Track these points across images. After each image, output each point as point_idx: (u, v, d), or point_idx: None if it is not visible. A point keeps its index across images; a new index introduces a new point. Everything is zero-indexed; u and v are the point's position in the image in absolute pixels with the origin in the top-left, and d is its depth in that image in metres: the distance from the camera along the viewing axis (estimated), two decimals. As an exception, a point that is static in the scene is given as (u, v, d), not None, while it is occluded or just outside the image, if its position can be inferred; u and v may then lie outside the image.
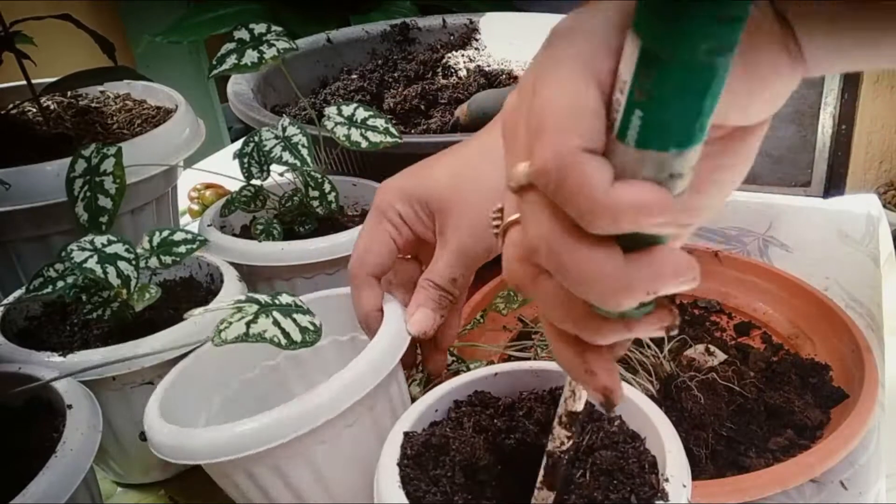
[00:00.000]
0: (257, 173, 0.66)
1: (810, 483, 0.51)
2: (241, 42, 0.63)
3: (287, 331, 0.45)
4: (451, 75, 1.01)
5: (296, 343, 0.45)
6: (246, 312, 0.45)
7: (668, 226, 0.25)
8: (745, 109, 0.30)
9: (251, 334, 0.44)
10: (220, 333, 0.43)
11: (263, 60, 0.62)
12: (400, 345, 0.48)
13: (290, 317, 0.46)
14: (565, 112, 0.25)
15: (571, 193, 0.24)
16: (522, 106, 0.28)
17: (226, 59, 0.62)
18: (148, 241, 0.56)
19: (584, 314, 0.27)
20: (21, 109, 0.81)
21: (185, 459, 0.44)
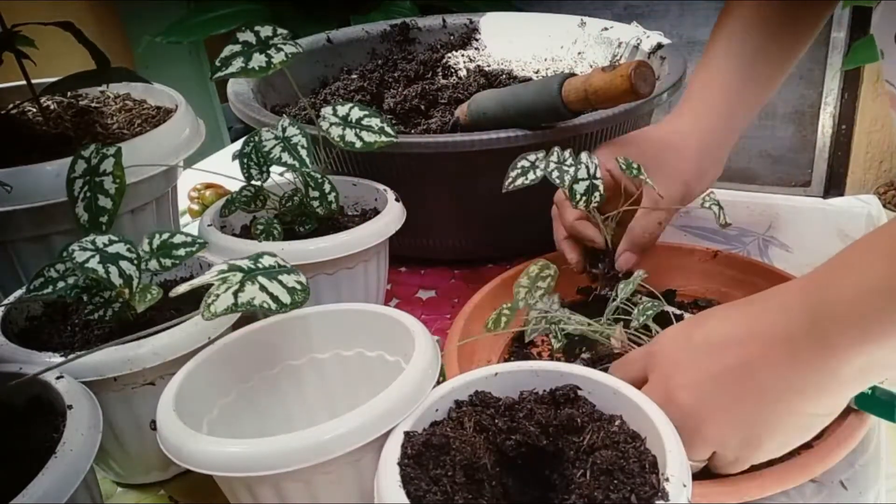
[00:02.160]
0: (257, 175, 0.66)
1: (810, 483, 0.51)
2: (247, 45, 0.62)
3: (275, 294, 0.44)
4: (451, 75, 1.01)
5: (286, 306, 0.44)
6: (231, 282, 0.44)
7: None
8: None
9: (240, 304, 0.43)
10: (209, 307, 0.42)
11: (272, 66, 0.61)
12: (419, 393, 0.47)
13: (276, 279, 0.45)
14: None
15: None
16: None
17: (231, 62, 0.61)
18: (148, 243, 0.56)
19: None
20: (21, 109, 0.81)
21: (191, 465, 0.44)
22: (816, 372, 0.43)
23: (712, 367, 0.46)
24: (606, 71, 0.64)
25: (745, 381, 0.45)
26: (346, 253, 0.63)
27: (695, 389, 0.47)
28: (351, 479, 0.46)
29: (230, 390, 0.54)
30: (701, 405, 0.47)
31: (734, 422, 0.46)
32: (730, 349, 0.46)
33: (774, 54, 0.68)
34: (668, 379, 0.48)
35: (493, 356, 0.67)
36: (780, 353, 0.44)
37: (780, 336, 0.44)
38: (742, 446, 0.47)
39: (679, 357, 0.48)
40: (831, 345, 0.42)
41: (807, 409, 0.46)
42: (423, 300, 0.80)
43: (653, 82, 0.63)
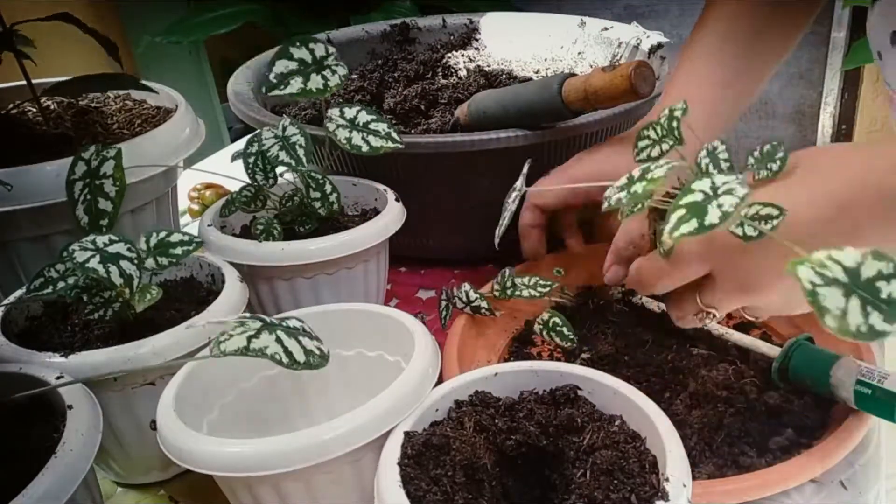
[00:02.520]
0: (262, 180, 0.66)
1: (810, 483, 0.51)
2: (303, 63, 0.61)
3: (290, 350, 0.43)
4: (451, 75, 1.01)
5: (298, 363, 0.43)
6: (248, 328, 0.43)
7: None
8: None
9: (251, 349, 0.42)
10: (220, 345, 0.42)
11: (328, 88, 0.61)
12: (419, 393, 0.47)
13: (296, 338, 0.44)
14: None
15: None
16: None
17: (289, 81, 0.60)
18: (145, 242, 0.56)
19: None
20: (21, 109, 0.81)
21: (191, 465, 0.44)
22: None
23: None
24: (606, 71, 0.64)
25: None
26: (346, 253, 0.63)
27: (785, 287, 0.47)
28: (351, 479, 0.46)
29: (230, 390, 0.54)
30: (790, 297, 0.48)
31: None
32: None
33: (759, 51, 0.67)
34: (751, 285, 0.48)
35: (493, 356, 0.67)
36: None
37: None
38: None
39: (758, 260, 0.47)
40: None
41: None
42: (423, 300, 0.80)
43: (653, 82, 0.63)
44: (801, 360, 0.55)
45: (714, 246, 0.48)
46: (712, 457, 0.52)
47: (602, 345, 0.64)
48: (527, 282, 0.66)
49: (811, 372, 0.54)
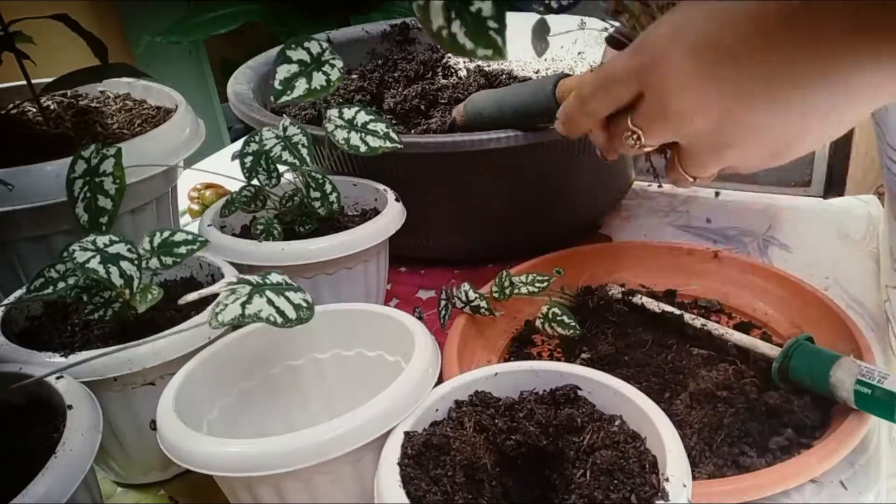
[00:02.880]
0: (265, 181, 0.66)
1: (810, 483, 0.51)
2: (303, 64, 0.61)
3: (282, 309, 0.45)
4: (451, 75, 1.01)
5: (291, 321, 0.45)
6: (240, 294, 0.45)
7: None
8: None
9: (247, 315, 0.44)
10: (217, 316, 0.43)
11: (331, 84, 0.61)
12: (419, 393, 0.47)
13: (283, 295, 0.46)
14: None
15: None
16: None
17: (294, 84, 0.60)
18: (148, 241, 0.56)
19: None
20: (21, 109, 0.81)
21: (191, 465, 0.44)
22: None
23: (728, 82, 0.40)
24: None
25: (771, 89, 0.39)
26: (346, 253, 0.63)
27: (718, 116, 0.41)
28: (351, 479, 0.46)
29: (230, 390, 0.54)
30: (722, 126, 0.42)
31: (766, 141, 0.42)
32: (741, 52, 0.39)
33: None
34: (676, 100, 0.42)
35: (493, 356, 0.67)
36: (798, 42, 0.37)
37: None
38: (772, 157, 0.43)
39: (686, 74, 0.41)
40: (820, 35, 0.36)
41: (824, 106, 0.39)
42: (423, 300, 0.80)
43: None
44: (801, 360, 0.55)
45: (646, 55, 0.42)
46: (712, 457, 0.52)
47: (602, 345, 0.64)
48: (524, 279, 0.66)
49: (811, 372, 0.54)
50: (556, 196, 0.79)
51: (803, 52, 0.37)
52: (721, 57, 0.39)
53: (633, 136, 0.46)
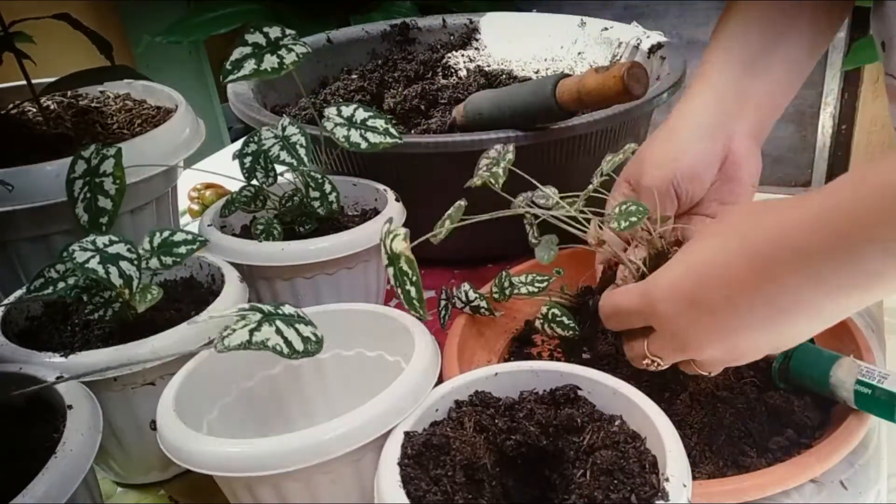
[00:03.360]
0: (262, 179, 0.66)
1: (810, 483, 0.51)
2: (256, 46, 0.61)
3: (289, 340, 0.45)
4: (451, 75, 1.01)
5: (298, 352, 0.45)
6: (249, 320, 0.45)
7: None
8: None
9: (254, 342, 0.44)
10: (224, 340, 0.43)
11: (284, 66, 0.61)
12: (419, 393, 0.47)
13: (293, 326, 0.46)
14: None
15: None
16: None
17: (242, 65, 0.60)
18: (148, 241, 0.56)
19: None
20: (21, 109, 0.81)
21: (191, 465, 0.44)
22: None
23: (726, 326, 0.47)
24: (600, 72, 0.64)
25: (766, 317, 0.46)
26: (346, 253, 0.63)
27: (722, 346, 0.48)
28: (351, 479, 0.46)
29: (230, 390, 0.54)
30: (731, 352, 0.49)
31: (770, 346, 0.48)
32: (730, 301, 0.46)
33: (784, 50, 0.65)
34: (688, 341, 0.49)
35: (493, 356, 0.67)
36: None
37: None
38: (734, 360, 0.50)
39: (692, 325, 0.48)
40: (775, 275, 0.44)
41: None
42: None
43: (646, 83, 0.63)
44: (801, 360, 0.55)
45: (653, 303, 0.49)
46: (712, 457, 0.52)
47: (602, 345, 0.64)
48: (524, 279, 0.66)
49: (811, 372, 0.54)
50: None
51: (778, 290, 0.44)
52: (720, 309, 0.46)
53: (653, 364, 0.52)
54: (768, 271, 0.43)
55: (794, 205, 0.44)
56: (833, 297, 0.43)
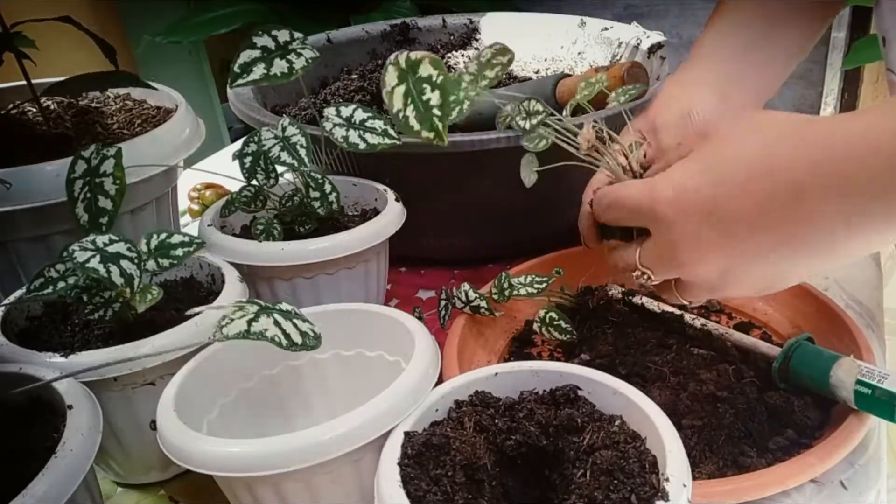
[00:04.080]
0: (263, 180, 0.66)
1: (810, 483, 0.51)
2: (266, 50, 0.61)
3: (287, 332, 0.45)
4: (451, 75, 1.01)
5: (296, 344, 0.45)
6: (247, 311, 0.45)
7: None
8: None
9: (252, 332, 0.44)
10: (222, 329, 0.43)
11: (294, 71, 0.60)
12: (419, 393, 0.47)
13: (291, 321, 0.46)
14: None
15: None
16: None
17: (252, 69, 0.60)
18: (145, 243, 0.56)
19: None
20: (21, 109, 0.81)
21: (191, 465, 0.44)
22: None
23: (733, 249, 0.43)
24: (600, 71, 0.64)
25: (774, 251, 0.42)
26: (346, 253, 0.63)
27: (717, 268, 0.45)
28: (351, 479, 0.46)
29: (230, 390, 0.54)
30: (723, 278, 0.45)
31: (761, 284, 0.45)
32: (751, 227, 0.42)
33: (773, 43, 0.65)
34: (684, 253, 0.45)
35: (493, 356, 0.67)
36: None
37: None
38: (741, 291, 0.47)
39: (695, 235, 0.44)
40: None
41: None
42: (423, 300, 0.80)
43: (646, 83, 0.63)
44: (801, 360, 0.55)
45: (657, 203, 0.45)
46: (712, 457, 0.52)
47: (602, 345, 0.64)
48: (524, 280, 0.66)
49: (811, 372, 0.54)
50: (556, 196, 0.79)
51: (803, 226, 0.40)
52: (731, 224, 0.42)
53: (643, 276, 0.49)
54: (802, 194, 0.39)
55: (832, 123, 0.39)
56: (862, 237, 0.39)
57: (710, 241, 0.43)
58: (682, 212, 0.44)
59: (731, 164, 0.42)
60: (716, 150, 0.44)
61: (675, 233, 0.44)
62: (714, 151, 0.44)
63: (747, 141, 0.42)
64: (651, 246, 0.47)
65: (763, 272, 0.44)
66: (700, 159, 0.44)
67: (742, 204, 0.41)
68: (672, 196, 0.44)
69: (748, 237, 0.42)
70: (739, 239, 0.42)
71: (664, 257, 0.46)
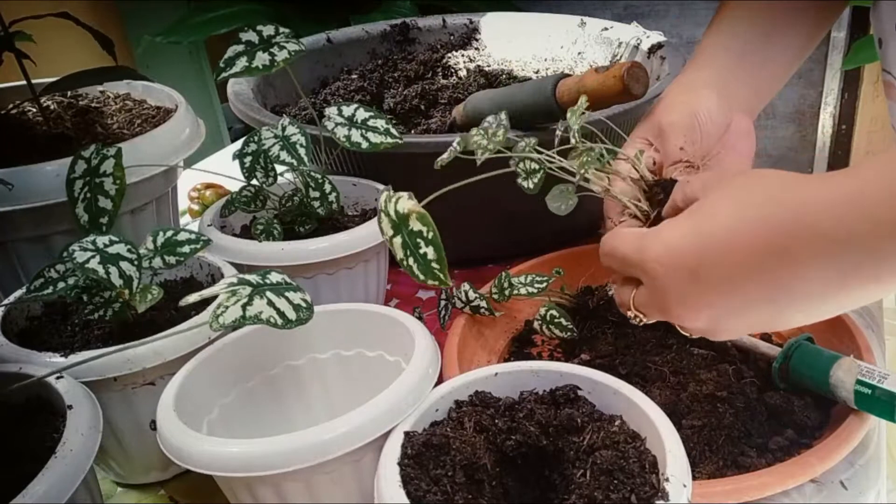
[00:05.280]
0: (262, 178, 0.66)
1: (810, 483, 0.51)
2: (250, 44, 0.62)
3: (282, 310, 0.45)
4: (451, 75, 1.01)
5: (291, 322, 0.45)
6: (240, 295, 0.45)
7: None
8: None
9: (248, 317, 0.44)
10: (218, 318, 0.43)
11: (275, 63, 0.61)
12: (419, 393, 0.47)
13: (283, 296, 0.46)
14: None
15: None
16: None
17: (235, 62, 0.61)
18: (151, 241, 0.56)
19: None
20: (21, 109, 0.81)
21: (191, 465, 0.44)
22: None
23: (727, 301, 0.44)
24: (600, 72, 0.64)
25: (763, 302, 0.43)
26: (346, 253, 0.63)
27: (707, 319, 0.46)
28: (351, 479, 0.46)
29: (230, 390, 0.54)
30: (714, 327, 0.46)
31: (753, 327, 0.46)
32: (739, 282, 0.43)
33: (775, 44, 0.65)
34: (673, 306, 0.46)
35: (493, 356, 0.67)
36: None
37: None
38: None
39: (682, 291, 0.45)
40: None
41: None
42: (423, 300, 0.80)
43: (646, 83, 0.63)
44: (801, 360, 0.55)
45: (646, 259, 0.46)
46: (712, 457, 0.52)
47: (602, 345, 0.64)
48: (524, 280, 0.66)
49: (811, 372, 0.54)
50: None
51: (789, 283, 0.41)
52: (716, 282, 0.43)
53: (636, 318, 0.50)
54: (784, 252, 0.40)
55: (821, 183, 0.40)
56: (848, 289, 0.40)
57: (696, 296, 0.45)
58: (670, 268, 0.45)
59: (716, 224, 0.44)
60: (704, 210, 0.45)
61: (663, 287, 0.46)
62: (702, 210, 0.45)
63: (735, 202, 0.44)
64: (643, 293, 0.49)
65: (755, 320, 0.45)
66: (688, 217, 0.46)
67: (727, 263, 0.43)
68: (661, 252, 0.46)
69: (732, 293, 0.43)
70: (724, 295, 0.44)
71: (655, 308, 0.48)
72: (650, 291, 0.48)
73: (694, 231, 0.45)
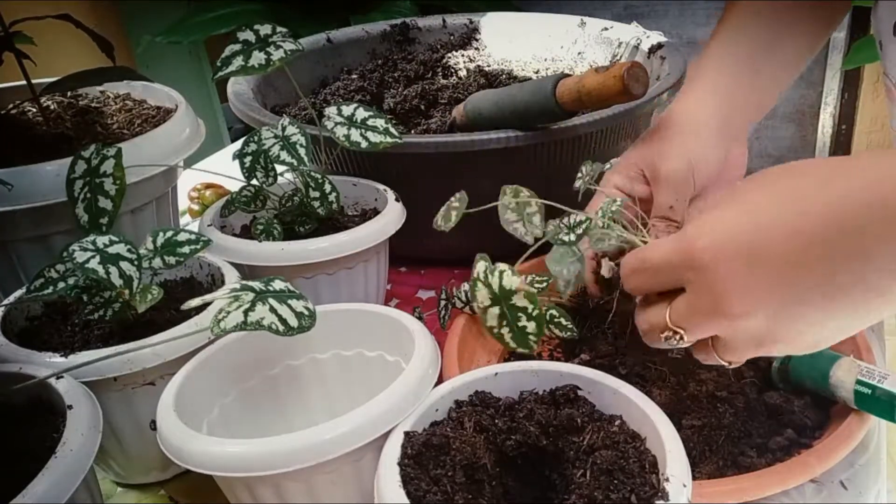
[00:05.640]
0: (262, 178, 0.66)
1: (810, 483, 0.51)
2: (247, 43, 0.62)
3: (284, 317, 0.45)
4: (451, 75, 1.01)
5: (293, 329, 0.45)
6: (243, 301, 0.45)
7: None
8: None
9: (249, 322, 0.44)
10: (219, 323, 0.43)
11: (271, 63, 0.62)
12: (419, 393, 0.47)
13: (286, 303, 0.46)
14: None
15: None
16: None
17: (231, 61, 0.61)
18: (152, 241, 0.56)
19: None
20: (21, 109, 0.81)
21: (191, 465, 0.44)
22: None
23: (785, 293, 0.40)
24: (600, 72, 0.64)
25: (829, 294, 0.39)
26: (346, 253, 0.63)
27: (764, 318, 0.41)
28: (351, 479, 0.46)
29: (230, 390, 0.54)
30: (771, 327, 0.41)
31: (814, 338, 0.42)
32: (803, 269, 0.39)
33: (782, 48, 0.65)
34: (728, 306, 0.41)
35: (493, 356, 0.67)
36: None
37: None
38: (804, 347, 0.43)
39: (737, 281, 0.40)
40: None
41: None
42: (423, 300, 0.80)
43: (646, 83, 0.63)
44: (801, 360, 0.55)
45: (693, 251, 0.41)
46: (712, 457, 0.52)
47: (602, 345, 0.64)
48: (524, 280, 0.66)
49: (811, 372, 0.54)
50: (556, 196, 0.79)
51: (864, 263, 0.37)
52: (780, 266, 0.39)
53: (675, 336, 0.44)
54: (858, 237, 0.36)
55: (877, 160, 0.36)
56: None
57: (758, 284, 0.40)
58: (723, 257, 0.40)
59: (769, 207, 0.40)
60: (748, 196, 0.42)
61: (717, 280, 0.41)
62: (746, 197, 0.42)
63: (783, 184, 0.40)
64: (686, 302, 0.43)
65: (818, 324, 0.40)
66: (730, 206, 0.42)
67: (795, 248, 0.38)
68: (709, 242, 0.41)
69: (801, 281, 0.39)
70: (789, 282, 0.39)
71: (704, 311, 0.42)
72: (696, 292, 0.42)
73: (744, 212, 0.40)
